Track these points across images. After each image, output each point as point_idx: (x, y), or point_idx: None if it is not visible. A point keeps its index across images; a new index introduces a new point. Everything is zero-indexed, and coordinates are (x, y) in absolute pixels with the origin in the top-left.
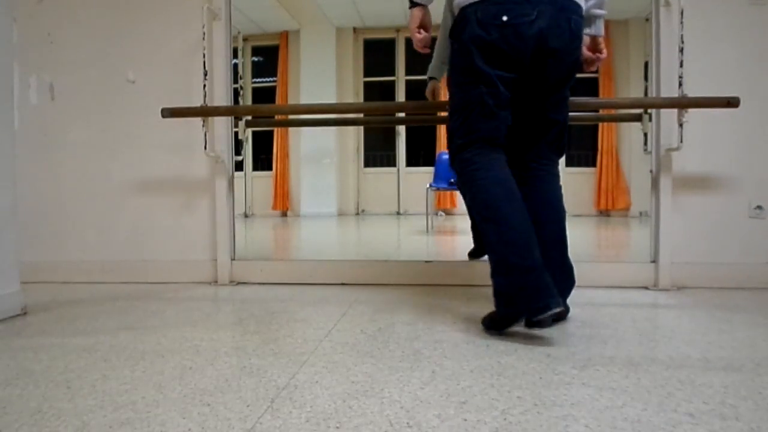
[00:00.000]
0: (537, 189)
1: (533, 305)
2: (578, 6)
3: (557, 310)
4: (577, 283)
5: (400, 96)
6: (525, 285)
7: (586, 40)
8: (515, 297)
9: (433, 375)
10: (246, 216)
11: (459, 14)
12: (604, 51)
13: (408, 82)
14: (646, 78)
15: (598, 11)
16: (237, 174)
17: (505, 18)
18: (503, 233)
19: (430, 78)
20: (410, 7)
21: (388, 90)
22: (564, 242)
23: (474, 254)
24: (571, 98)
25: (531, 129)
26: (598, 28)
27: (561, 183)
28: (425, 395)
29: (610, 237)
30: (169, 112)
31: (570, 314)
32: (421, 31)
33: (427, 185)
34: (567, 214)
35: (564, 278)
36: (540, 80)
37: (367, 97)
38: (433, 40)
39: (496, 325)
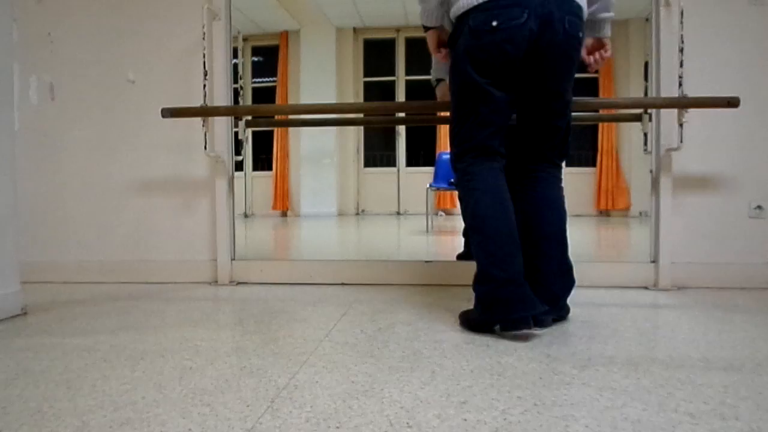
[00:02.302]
0: (537, 191)
1: (508, 316)
2: (575, 5)
3: (531, 331)
4: (577, 283)
5: (400, 96)
6: (501, 296)
7: (588, 41)
8: (492, 306)
9: (433, 375)
10: (246, 216)
11: (455, 23)
12: (609, 51)
13: (408, 82)
14: (646, 78)
15: (605, 14)
16: (237, 174)
17: (494, 23)
18: (487, 244)
19: (438, 80)
20: (425, 31)
21: (388, 90)
22: (563, 242)
23: (462, 257)
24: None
25: (534, 136)
26: (605, 31)
27: (563, 185)
28: (425, 395)
29: (610, 237)
30: (169, 112)
31: (570, 314)
32: (442, 50)
33: (427, 185)
34: (567, 214)
35: (563, 277)
36: (538, 84)
37: (367, 97)
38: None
39: (471, 326)
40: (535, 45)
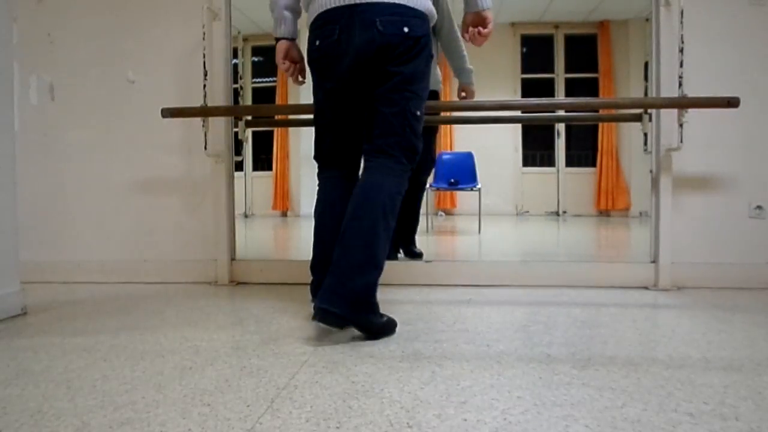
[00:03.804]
0: (357, 185)
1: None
2: (386, 6)
3: (317, 319)
4: (577, 284)
5: None
6: (312, 285)
7: (468, 17)
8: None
9: (433, 375)
10: (246, 216)
11: None
12: (489, 26)
13: None
14: (646, 78)
15: None
16: (237, 174)
17: (317, 43)
18: (313, 246)
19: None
20: (276, 41)
21: None
22: (360, 231)
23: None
24: (572, 98)
25: (369, 124)
26: (478, 3)
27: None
28: (425, 395)
29: (610, 237)
30: (169, 112)
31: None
32: (286, 62)
33: (427, 185)
34: (567, 213)
35: (360, 271)
36: (366, 83)
37: None
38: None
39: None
40: (358, 54)
